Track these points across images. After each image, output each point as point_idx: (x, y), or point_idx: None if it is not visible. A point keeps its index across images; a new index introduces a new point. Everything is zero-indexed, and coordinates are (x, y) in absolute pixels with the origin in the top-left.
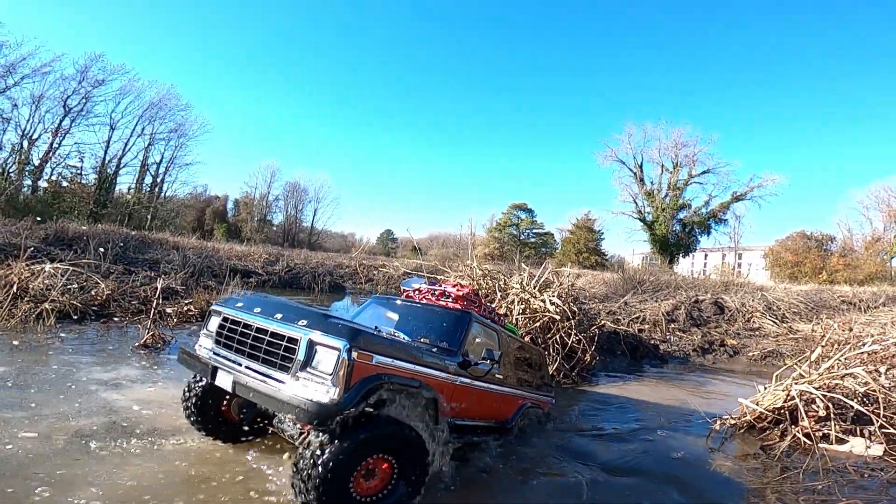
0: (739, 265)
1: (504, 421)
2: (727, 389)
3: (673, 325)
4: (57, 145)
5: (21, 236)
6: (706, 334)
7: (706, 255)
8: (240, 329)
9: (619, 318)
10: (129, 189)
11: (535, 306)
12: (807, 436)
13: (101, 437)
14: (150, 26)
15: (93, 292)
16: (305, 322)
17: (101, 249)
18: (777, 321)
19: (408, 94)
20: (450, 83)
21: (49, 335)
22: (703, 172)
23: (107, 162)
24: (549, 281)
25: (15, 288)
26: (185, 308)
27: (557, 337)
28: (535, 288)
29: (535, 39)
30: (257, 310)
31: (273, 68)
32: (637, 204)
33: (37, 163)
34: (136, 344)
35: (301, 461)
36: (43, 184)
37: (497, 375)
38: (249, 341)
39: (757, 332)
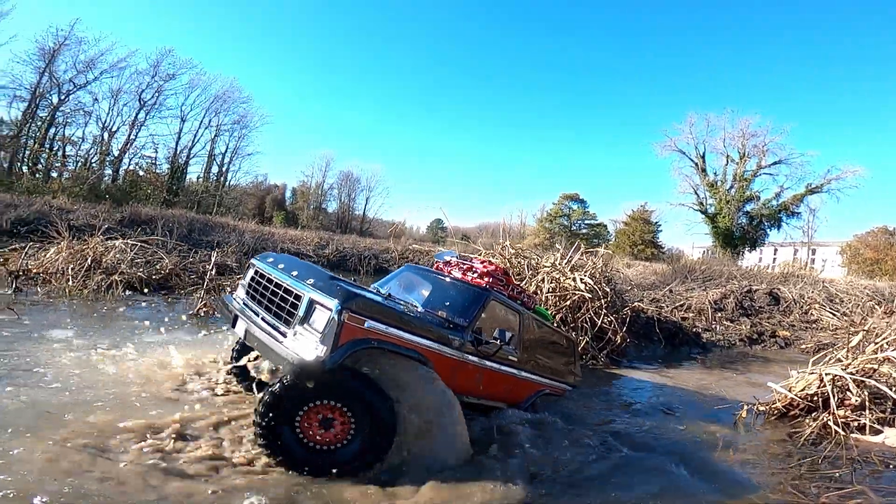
0: (812, 261)
1: (515, 405)
2: (770, 379)
3: (720, 314)
4: (134, 137)
5: (99, 218)
6: (756, 324)
7: (776, 250)
8: (264, 283)
9: (662, 305)
10: (197, 178)
11: (565, 285)
12: (839, 424)
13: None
14: (210, 19)
15: (157, 266)
16: (312, 281)
17: (168, 230)
18: (837, 314)
19: (460, 89)
20: (503, 77)
21: (116, 303)
22: (775, 163)
23: (178, 152)
24: (582, 262)
25: (89, 261)
26: (238, 282)
27: (587, 316)
28: (567, 267)
29: (590, 35)
30: (281, 266)
31: (328, 60)
32: (698, 195)
33: (116, 153)
34: (191, 312)
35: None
36: (122, 173)
37: (511, 357)
38: (268, 294)
39: (814, 325)
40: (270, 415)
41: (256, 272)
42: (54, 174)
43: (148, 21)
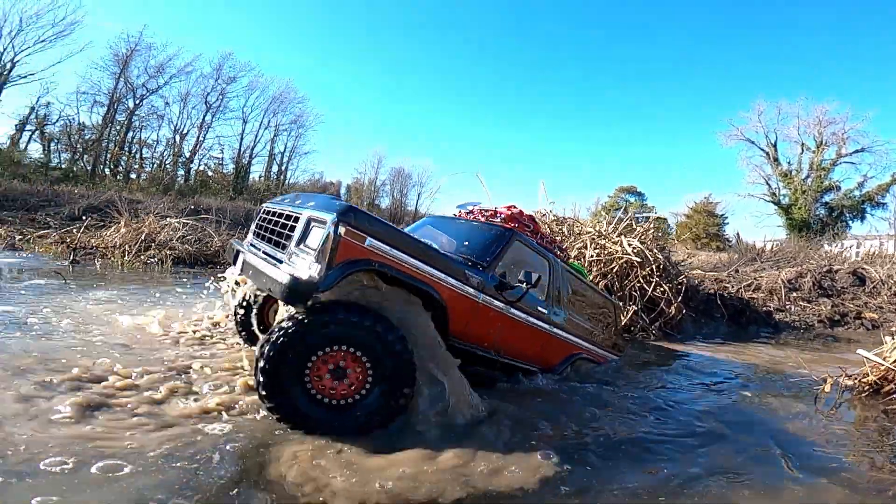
0: None
1: (549, 368)
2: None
3: (795, 294)
4: (202, 138)
5: (164, 207)
6: (838, 305)
7: (859, 244)
8: (269, 218)
9: (727, 284)
10: (259, 177)
11: (610, 250)
12: None
13: None
14: (262, 21)
15: (206, 243)
16: (314, 203)
17: (222, 215)
18: None
19: (509, 83)
20: (554, 69)
21: (162, 275)
22: (857, 151)
23: (241, 152)
24: (630, 227)
25: (143, 236)
26: None
27: (636, 284)
28: (613, 231)
29: (641, 25)
30: (287, 200)
31: (379, 58)
32: (770, 186)
33: (187, 155)
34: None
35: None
36: (193, 173)
37: (540, 309)
38: (271, 226)
39: None
40: (274, 369)
41: (265, 211)
42: (133, 175)
43: (205, 24)
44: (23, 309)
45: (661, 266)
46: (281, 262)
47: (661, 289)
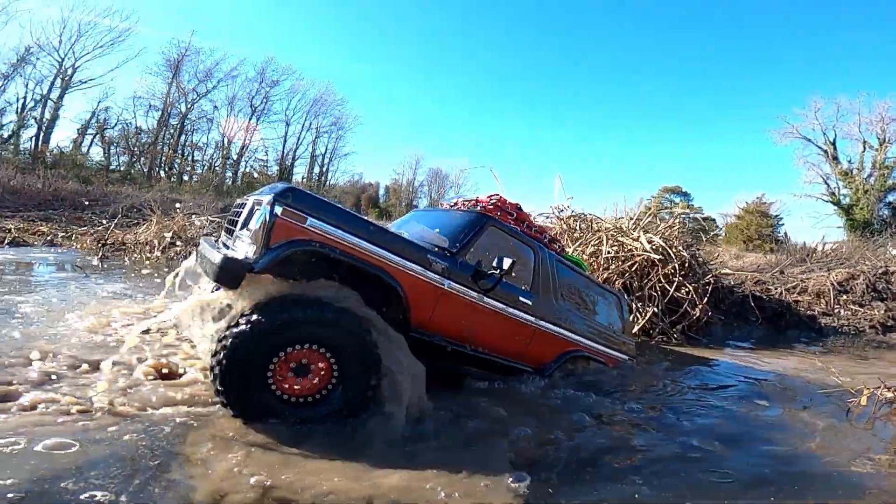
0: None
1: (539, 366)
2: None
3: (844, 297)
4: (248, 141)
5: (204, 207)
6: (892, 310)
7: None
8: (233, 210)
9: (770, 286)
10: (302, 178)
11: (631, 246)
12: None
13: None
14: (300, 24)
15: None
16: (264, 189)
17: None
18: None
19: (548, 81)
20: (597, 69)
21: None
22: None
23: (285, 155)
24: (652, 223)
25: (170, 234)
26: None
27: (657, 284)
28: (633, 227)
29: (686, 21)
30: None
31: (416, 60)
32: (829, 185)
33: (235, 157)
34: None
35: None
36: (240, 175)
37: (523, 300)
38: (231, 217)
39: None
40: (235, 373)
41: (234, 205)
42: (186, 177)
43: (247, 28)
44: (27, 298)
45: (686, 265)
46: (227, 247)
47: (686, 289)
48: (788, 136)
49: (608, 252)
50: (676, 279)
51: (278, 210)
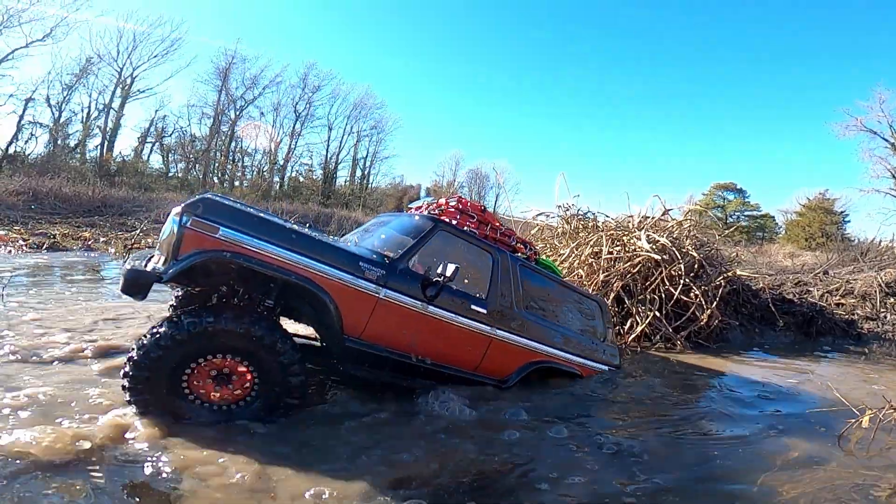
0: None
1: (500, 378)
2: None
3: (893, 300)
4: (293, 146)
5: None
6: None
7: None
8: None
9: (810, 288)
10: (345, 182)
11: (631, 247)
12: None
13: None
14: (338, 28)
15: None
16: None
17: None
18: None
19: (595, 79)
20: (647, 64)
21: None
22: None
23: (328, 159)
24: (663, 222)
25: None
26: None
27: (660, 285)
28: (640, 226)
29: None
30: None
31: (453, 60)
32: None
33: (281, 162)
34: None
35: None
36: (286, 179)
37: (475, 308)
38: None
39: None
40: (148, 384)
41: None
42: (237, 183)
43: (289, 33)
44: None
45: (697, 266)
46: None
47: (693, 292)
48: (852, 130)
49: (609, 252)
50: (682, 281)
51: (188, 221)
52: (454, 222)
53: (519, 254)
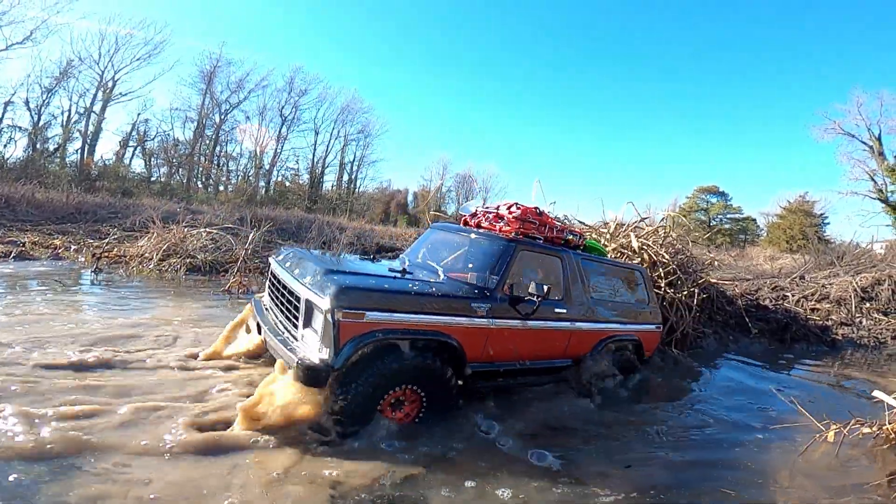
0: None
1: (577, 358)
2: None
3: (868, 305)
4: (279, 151)
5: (221, 217)
6: None
7: None
8: (277, 284)
9: (787, 294)
10: (332, 186)
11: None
12: None
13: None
14: (325, 32)
15: (227, 253)
16: (309, 279)
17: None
18: None
19: (574, 81)
20: (627, 68)
21: (171, 283)
22: None
23: (315, 163)
24: (639, 228)
25: (166, 246)
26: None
27: None
28: (616, 233)
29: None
30: (288, 264)
31: (441, 65)
32: (875, 182)
33: (267, 167)
34: (222, 289)
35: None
36: (272, 184)
37: (558, 310)
38: (279, 296)
39: None
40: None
41: (272, 273)
42: (221, 188)
43: (274, 37)
44: None
45: (671, 272)
46: (296, 340)
47: (668, 299)
48: (830, 133)
49: None
50: (662, 289)
51: (339, 316)
52: (516, 228)
53: (572, 245)
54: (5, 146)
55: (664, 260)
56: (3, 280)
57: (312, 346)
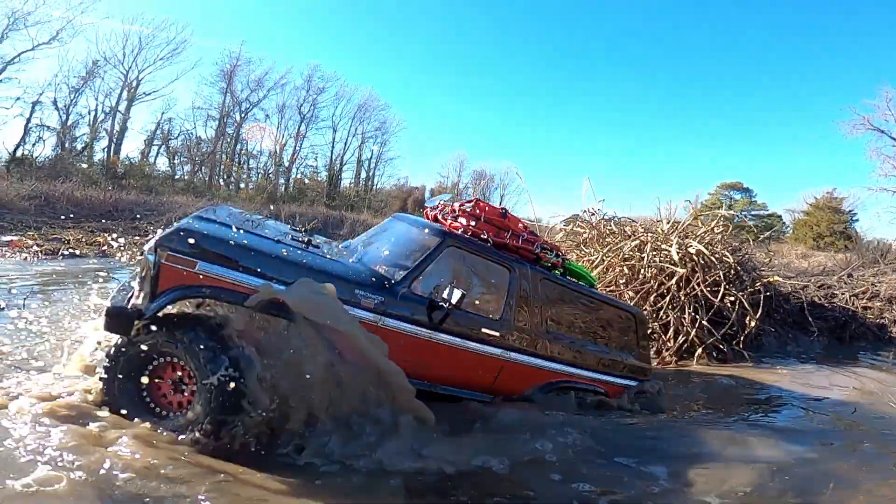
0: None
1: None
2: None
3: None
4: (298, 148)
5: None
6: None
7: None
8: None
9: (836, 292)
10: (350, 183)
11: (664, 255)
12: None
13: None
14: (342, 29)
15: None
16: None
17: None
18: None
19: (599, 81)
20: (652, 65)
21: None
22: None
23: (333, 160)
24: (693, 226)
25: None
26: None
27: (700, 293)
28: (671, 232)
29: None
30: None
31: (457, 63)
32: None
33: (286, 164)
34: None
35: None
36: (291, 181)
37: (486, 331)
38: None
39: None
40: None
41: None
42: (242, 185)
43: (290, 36)
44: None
45: (733, 272)
46: None
47: (730, 298)
48: (859, 128)
49: (640, 260)
50: (722, 288)
51: (162, 257)
52: (472, 225)
53: (543, 262)
54: (34, 145)
55: (727, 259)
56: (64, 276)
57: (135, 293)
